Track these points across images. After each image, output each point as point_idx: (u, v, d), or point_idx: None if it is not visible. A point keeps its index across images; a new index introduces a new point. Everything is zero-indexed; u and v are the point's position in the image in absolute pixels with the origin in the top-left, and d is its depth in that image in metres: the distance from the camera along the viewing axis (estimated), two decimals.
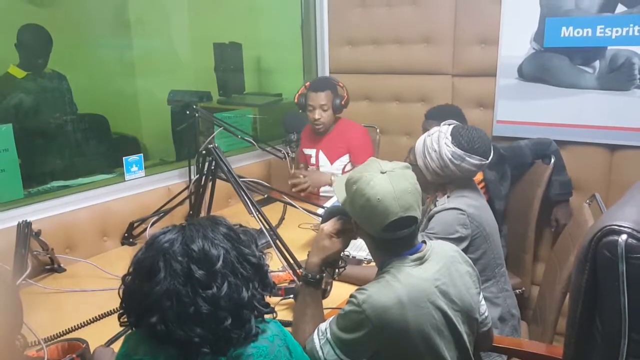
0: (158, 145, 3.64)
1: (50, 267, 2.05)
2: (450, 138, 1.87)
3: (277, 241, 1.72)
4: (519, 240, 2.66)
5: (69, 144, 3.10)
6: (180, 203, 2.42)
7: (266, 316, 1.17)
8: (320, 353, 1.35)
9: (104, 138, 3.43)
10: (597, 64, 2.60)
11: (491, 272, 1.95)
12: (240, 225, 1.19)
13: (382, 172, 1.35)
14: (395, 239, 1.37)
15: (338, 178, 1.61)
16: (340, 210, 1.53)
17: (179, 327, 1.01)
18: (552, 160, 2.59)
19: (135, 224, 2.37)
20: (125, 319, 1.11)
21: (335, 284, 1.64)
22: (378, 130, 3.18)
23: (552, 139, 2.66)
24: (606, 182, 2.67)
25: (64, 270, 2.08)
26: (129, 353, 1.06)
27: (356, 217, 1.41)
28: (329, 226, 1.48)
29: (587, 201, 2.05)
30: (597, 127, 2.63)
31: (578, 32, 2.60)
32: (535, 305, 2.27)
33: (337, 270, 1.60)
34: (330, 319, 1.39)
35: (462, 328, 1.41)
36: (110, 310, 1.76)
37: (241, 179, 1.80)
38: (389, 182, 1.33)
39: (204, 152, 1.82)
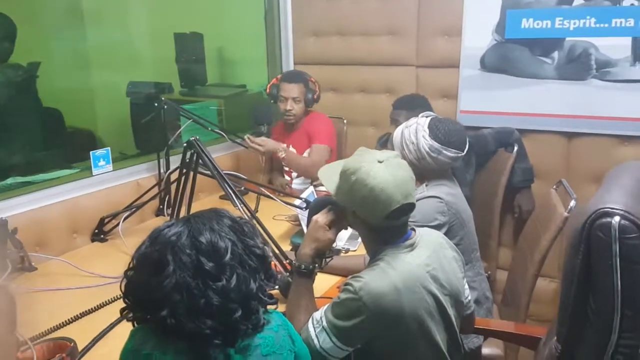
0: (115, 139, 3.55)
1: (21, 266, 1.97)
2: (427, 131, 1.92)
3: (263, 233, 1.72)
4: (484, 227, 2.73)
5: (23, 139, 2.99)
6: (153, 198, 2.38)
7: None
8: (315, 341, 1.37)
9: (59, 132, 3.32)
10: (555, 54, 2.70)
11: (468, 257, 2.01)
12: (241, 218, 1.19)
13: (380, 162, 1.38)
14: (394, 226, 1.41)
15: (323, 169, 1.62)
16: (329, 201, 1.54)
17: (189, 320, 1.01)
18: (515, 149, 2.68)
19: (106, 220, 2.31)
20: (129, 314, 1.10)
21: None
22: (345, 122, 3.21)
23: (514, 127, 2.75)
24: (565, 168, 2.78)
25: (35, 269, 2.01)
26: (137, 348, 1.05)
27: (356, 206, 1.42)
28: (322, 217, 1.49)
29: (554, 187, 2.14)
30: (556, 115, 2.74)
31: (538, 24, 2.69)
32: (505, 289, 2.36)
33: (325, 260, 1.62)
34: (325, 307, 1.41)
35: (451, 311, 1.46)
36: (91, 308, 1.72)
37: (223, 172, 1.79)
38: (389, 171, 1.37)
39: (185, 144, 1.79)
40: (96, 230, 2.32)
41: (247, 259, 1.08)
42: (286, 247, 2.04)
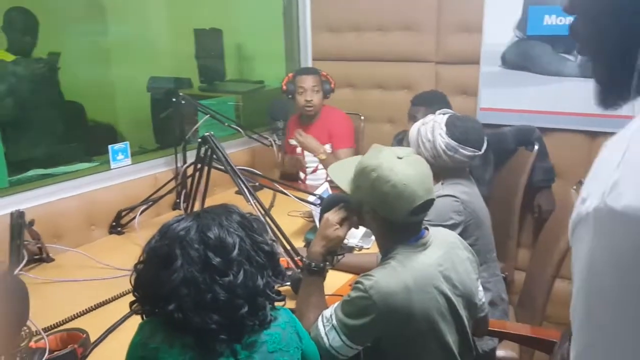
0: (135, 133, 3.59)
1: (39, 257, 2.00)
2: (444, 129, 1.89)
3: (275, 229, 1.72)
4: (503, 227, 2.69)
5: (45, 132, 3.03)
6: (170, 192, 2.40)
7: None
8: (325, 339, 1.36)
9: (80, 126, 3.37)
10: None
11: (483, 257, 1.98)
12: (251, 214, 1.19)
13: (399, 158, 1.37)
14: (412, 223, 1.40)
15: (333, 167, 1.61)
16: (341, 199, 1.54)
17: (196, 315, 1.01)
18: (536, 147, 2.63)
19: (123, 213, 2.33)
20: (138, 307, 1.11)
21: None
22: (362, 118, 3.19)
23: (535, 125, 2.70)
24: (586, 168, 2.66)
25: (53, 260, 2.04)
26: (145, 341, 1.05)
27: (376, 204, 1.40)
28: (334, 215, 1.48)
29: (574, 187, 2.10)
30: (579, 114, 2.69)
31: (560, 20, 2.64)
32: (522, 290, 2.32)
33: (336, 258, 1.61)
34: (335, 305, 1.40)
35: (463, 312, 1.44)
36: (105, 300, 1.74)
37: (237, 167, 1.79)
38: (410, 167, 1.36)
39: (200, 140, 1.80)
40: (113, 223, 2.35)
41: (254, 255, 1.08)
42: (300, 244, 2.04)
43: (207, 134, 1.76)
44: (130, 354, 1.08)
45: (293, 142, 3.05)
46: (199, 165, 1.88)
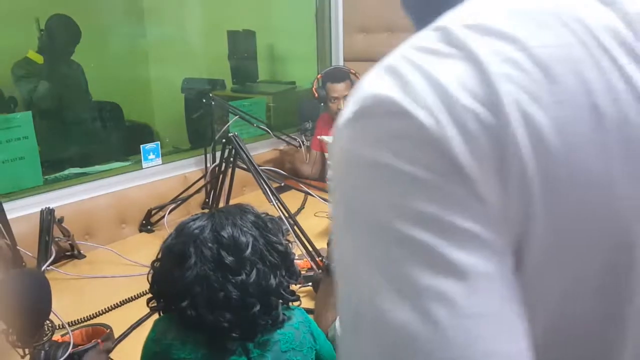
0: (171, 133, 3.65)
1: (70, 253, 2.07)
2: None
3: (297, 229, 1.73)
4: None
5: (83, 132, 3.12)
6: (198, 191, 2.43)
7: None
8: None
9: (117, 126, 3.46)
10: None
11: None
12: (267, 214, 1.20)
13: None
14: None
15: None
16: None
17: (209, 312, 1.03)
18: None
19: (154, 211, 2.38)
20: (154, 304, 1.13)
21: None
22: None
23: None
24: None
25: (84, 256, 2.10)
26: (158, 338, 1.08)
27: None
28: None
29: None
30: None
31: None
32: None
33: None
34: None
35: None
36: (132, 296, 1.78)
37: (260, 168, 1.81)
38: None
39: (224, 140, 1.83)
40: (144, 221, 2.40)
41: (268, 255, 1.09)
42: (325, 245, 2.04)
43: (231, 134, 1.79)
44: (145, 349, 1.10)
45: (326, 138, 3.05)
46: (223, 166, 1.90)
